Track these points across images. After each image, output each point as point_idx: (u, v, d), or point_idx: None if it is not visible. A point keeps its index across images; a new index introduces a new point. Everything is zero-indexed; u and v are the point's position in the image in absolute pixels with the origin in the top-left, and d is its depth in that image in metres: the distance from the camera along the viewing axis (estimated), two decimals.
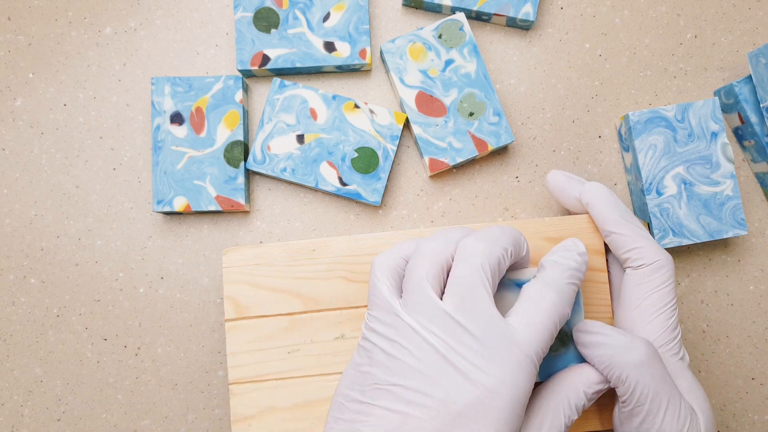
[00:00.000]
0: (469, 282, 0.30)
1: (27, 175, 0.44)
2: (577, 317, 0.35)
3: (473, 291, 0.30)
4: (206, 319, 0.44)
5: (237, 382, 0.37)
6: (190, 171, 0.42)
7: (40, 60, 0.45)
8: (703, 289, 0.44)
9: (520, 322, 0.30)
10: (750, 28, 0.46)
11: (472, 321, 0.29)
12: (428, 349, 0.29)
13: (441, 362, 0.29)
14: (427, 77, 0.42)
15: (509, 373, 0.28)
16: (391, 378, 0.29)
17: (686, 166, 0.41)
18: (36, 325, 0.44)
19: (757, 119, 0.42)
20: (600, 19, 0.46)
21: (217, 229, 0.44)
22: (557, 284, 0.31)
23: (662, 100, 0.45)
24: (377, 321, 0.31)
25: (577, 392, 0.32)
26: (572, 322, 0.35)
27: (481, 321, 0.29)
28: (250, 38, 0.43)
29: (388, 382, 0.29)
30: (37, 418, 0.43)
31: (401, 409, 0.29)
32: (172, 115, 0.42)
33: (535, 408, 0.32)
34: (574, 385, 0.32)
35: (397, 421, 0.29)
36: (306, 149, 0.42)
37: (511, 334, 0.29)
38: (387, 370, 0.30)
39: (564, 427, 0.31)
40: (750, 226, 0.45)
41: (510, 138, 0.42)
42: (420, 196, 0.44)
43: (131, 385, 0.43)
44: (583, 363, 0.34)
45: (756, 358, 0.44)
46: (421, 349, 0.29)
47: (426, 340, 0.29)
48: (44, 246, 0.44)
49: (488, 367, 0.28)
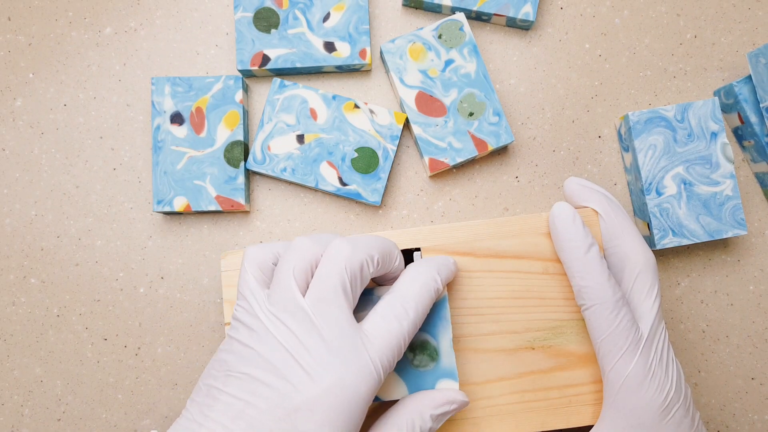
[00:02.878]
0: (329, 282, 0.31)
1: (27, 175, 0.44)
2: (444, 331, 0.35)
3: (331, 291, 0.30)
4: (206, 319, 0.44)
5: None
6: (190, 171, 0.42)
7: (40, 60, 0.45)
8: (703, 289, 0.44)
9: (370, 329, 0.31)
10: (750, 28, 0.46)
11: (323, 320, 0.30)
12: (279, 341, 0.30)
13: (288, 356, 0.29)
14: (427, 77, 0.42)
15: (350, 375, 0.29)
16: (242, 367, 0.30)
17: (686, 166, 0.41)
18: (36, 325, 0.44)
19: (756, 119, 0.42)
20: (600, 19, 0.46)
21: (217, 229, 0.44)
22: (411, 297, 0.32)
23: (662, 100, 0.45)
24: (242, 310, 0.32)
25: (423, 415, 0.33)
26: (439, 336, 0.35)
27: (332, 322, 0.30)
28: (250, 38, 0.43)
29: (238, 371, 0.30)
30: (37, 418, 0.43)
31: (245, 397, 0.29)
32: (172, 115, 0.42)
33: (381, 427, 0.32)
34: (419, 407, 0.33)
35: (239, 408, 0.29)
36: (306, 149, 0.42)
37: (358, 339, 0.30)
38: (241, 358, 0.30)
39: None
40: (750, 226, 0.45)
41: (510, 138, 0.42)
42: (420, 196, 0.44)
43: (131, 385, 0.43)
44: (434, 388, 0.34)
45: (756, 358, 0.44)
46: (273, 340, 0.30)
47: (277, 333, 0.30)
48: (44, 246, 0.44)
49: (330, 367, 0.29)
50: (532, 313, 0.38)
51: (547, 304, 0.38)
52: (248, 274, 0.32)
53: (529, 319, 0.38)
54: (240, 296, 0.32)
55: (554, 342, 0.38)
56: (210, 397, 0.30)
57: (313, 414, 0.29)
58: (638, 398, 0.34)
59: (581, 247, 0.35)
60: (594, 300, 0.35)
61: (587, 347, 0.38)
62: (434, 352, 0.34)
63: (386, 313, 0.31)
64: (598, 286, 0.34)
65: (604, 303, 0.34)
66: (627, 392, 0.34)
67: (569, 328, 0.38)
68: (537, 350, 0.38)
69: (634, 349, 0.34)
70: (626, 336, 0.34)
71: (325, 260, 0.31)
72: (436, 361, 0.34)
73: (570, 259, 0.36)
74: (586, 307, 0.35)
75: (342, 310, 0.30)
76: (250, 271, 0.32)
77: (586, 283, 0.35)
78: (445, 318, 0.35)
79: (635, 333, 0.34)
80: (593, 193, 0.38)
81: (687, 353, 0.44)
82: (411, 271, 0.33)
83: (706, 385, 0.44)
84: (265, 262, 0.33)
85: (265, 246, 0.34)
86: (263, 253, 0.33)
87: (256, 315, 0.31)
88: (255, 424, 0.29)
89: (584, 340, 0.38)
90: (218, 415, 0.29)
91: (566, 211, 0.36)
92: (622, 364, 0.34)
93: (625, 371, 0.34)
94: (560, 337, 0.38)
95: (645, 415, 0.34)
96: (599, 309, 0.34)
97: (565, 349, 0.38)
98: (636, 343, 0.34)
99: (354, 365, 0.29)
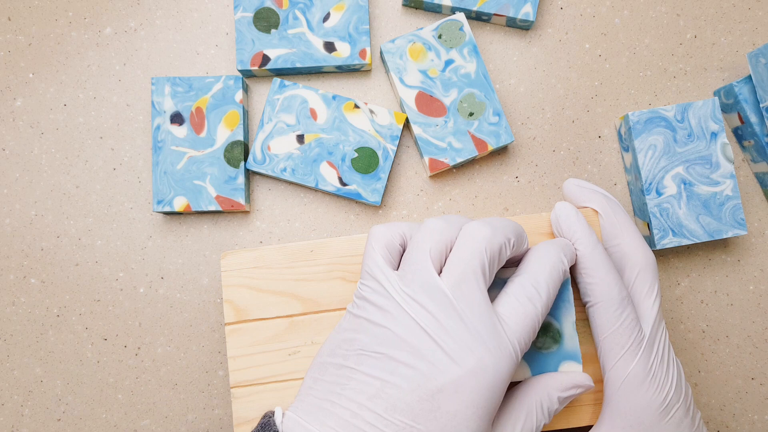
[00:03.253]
0: (468, 265, 0.30)
1: (27, 175, 0.44)
2: (567, 313, 0.35)
3: (471, 273, 0.30)
4: (206, 319, 0.44)
5: (238, 386, 0.37)
6: (190, 171, 0.42)
7: (40, 60, 0.45)
8: (703, 289, 0.44)
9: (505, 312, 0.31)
10: (750, 28, 0.46)
11: (463, 303, 0.30)
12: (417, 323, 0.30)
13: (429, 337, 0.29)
14: (427, 77, 0.42)
15: (491, 358, 0.29)
16: (377, 346, 0.30)
17: (686, 166, 0.41)
18: (36, 325, 0.44)
19: (756, 119, 0.42)
20: (600, 19, 0.46)
21: (217, 229, 0.44)
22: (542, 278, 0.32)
23: (662, 100, 0.45)
24: (370, 290, 0.31)
25: (551, 397, 0.33)
26: (562, 318, 0.35)
27: (473, 305, 0.30)
28: (250, 38, 0.43)
29: (373, 350, 0.30)
30: (37, 418, 0.43)
31: (383, 376, 0.29)
32: (172, 115, 0.42)
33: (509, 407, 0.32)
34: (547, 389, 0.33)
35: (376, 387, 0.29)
36: (306, 149, 0.42)
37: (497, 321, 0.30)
38: (374, 337, 0.30)
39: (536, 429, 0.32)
40: (750, 226, 0.45)
41: (510, 138, 0.42)
42: (420, 196, 0.44)
43: (131, 385, 0.43)
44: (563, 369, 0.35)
45: (756, 358, 0.44)
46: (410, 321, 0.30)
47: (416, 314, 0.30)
48: (44, 246, 0.44)
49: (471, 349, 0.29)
50: None
51: None
52: (376, 253, 0.32)
53: None
54: (367, 276, 0.32)
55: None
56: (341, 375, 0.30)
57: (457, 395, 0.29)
58: (638, 397, 0.34)
59: (587, 245, 0.35)
60: (599, 297, 0.35)
61: (586, 347, 0.38)
62: (557, 334, 0.35)
63: (519, 294, 0.31)
64: (603, 283, 0.35)
65: (610, 300, 0.34)
66: (627, 391, 0.34)
67: None
68: None
69: (637, 348, 0.34)
70: (629, 335, 0.34)
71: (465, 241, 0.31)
72: (559, 343, 0.35)
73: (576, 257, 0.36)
74: (591, 304, 0.35)
75: (481, 292, 0.30)
76: (378, 251, 0.32)
77: (592, 280, 0.35)
78: (568, 300, 0.35)
79: (638, 332, 0.34)
80: (592, 194, 0.38)
81: (687, 353, 0.44)
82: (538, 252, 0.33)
83: (706, 385, 0.44)
84: (393, 243, 0.32)
85: (390, 226, 0.33)
86: (390, 234, 0.33)
87: (389, 295, 0.30)
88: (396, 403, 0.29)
89: (584, 341, 0.38)
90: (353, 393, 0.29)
91: (569, 209, 0.36)
92: (623, 362, 0.34)
93: (627, 370, 0.34)
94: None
95: (645, 415, 0.34)
96: (604, 306, 0.34)
97: None
98: (638, 343, 0.34)
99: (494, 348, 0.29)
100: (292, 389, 0.37)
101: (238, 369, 0.37)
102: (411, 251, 0.31)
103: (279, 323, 0.37)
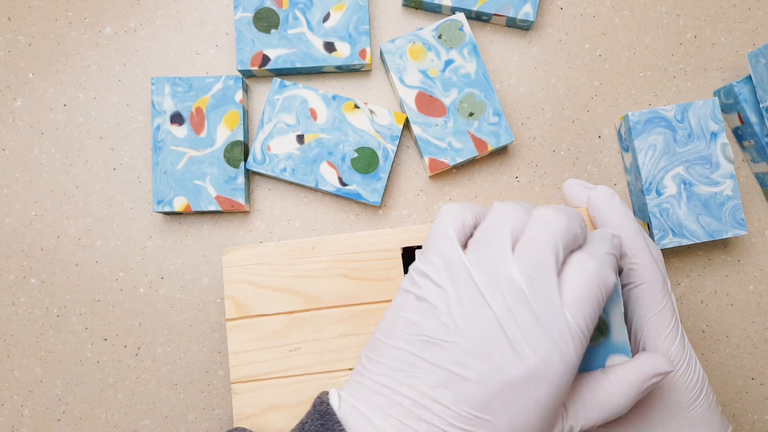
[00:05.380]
0: (544, 254, 0.29)
1: (27, 175, 0.44)
2: (615, 306, 0.34)
3: (546, 265, 0.29)
4: (206, 319, 0.44)
5: (239, 381, 0.37)
6: (190, 171, 0.42)
7: (40, 60, 0.45)
8: (702, 289, 0.44)
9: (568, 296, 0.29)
10: (750, 28, 0.46)
11: (537, 297, 0.28)
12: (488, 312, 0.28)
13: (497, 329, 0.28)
14: (427, 77, 0.42)
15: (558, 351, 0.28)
16: (443, 334, 0.28)
17: (686, 166, 0.41)
18: (36, 325, 0.44)
19: (756, 119, 0.42)
20: (600, 19, 0.46)
21: (217, 229, 0.44)
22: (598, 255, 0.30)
23: (662, 100, 0.45)
24: (436, 270, 0.29)
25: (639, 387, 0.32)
26: (610, 311, 0.34)
27: (546, 300, 0.28)
28: (250, 38, 0.43)
29: (439, 338, 0.28)
30: (37, 418, 0.43)
31: (449, 367, 0.28)
32: (172, 115, 0.42)
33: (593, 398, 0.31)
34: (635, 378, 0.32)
35: (441, 378, 0.28)
36: (306, 149, 0.42)
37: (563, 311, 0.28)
38: (439, 324, 0.28)
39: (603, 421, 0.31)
40: (750, 226, 0.45)
41: (510, 138, 0.42)
42: (420, 196, 0.44)
43: (131, 385, 0.43)
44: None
45: (756, 358, 0.44)
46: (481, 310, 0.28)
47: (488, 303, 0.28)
48: (44, 246, 0.44)
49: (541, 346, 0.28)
50: None
51: None
52: (450, 228, 0.30)
53: None
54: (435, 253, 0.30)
55: None
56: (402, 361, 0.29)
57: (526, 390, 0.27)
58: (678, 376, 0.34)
59: (632, 227, 0.35)
60: (645, 278, 0.35)
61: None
62: (605, 327, 0.34)
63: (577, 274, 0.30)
64: (650, 264, 0.35)
65: (656, 281, 0.35)
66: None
67: None
68: None
69: (677, 328, 0.35)
70: (671, 315, 0.35)
71: (540, 229, 0.29)
72: (607, 335, 0.34)
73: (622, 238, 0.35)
74: (635, 285, 0.35)
75: (555, 286, 0.29)
76: (453, 226, 0.30)
77: (638, 261, 0.35)
78: (616, 293, 0.34)
79: (677, 315, 0.35)
80: None
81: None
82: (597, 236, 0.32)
83: None
84: (467, 222, 0.30)
85: (464, 205, 0.31)
86: (465, 212, 0.31)
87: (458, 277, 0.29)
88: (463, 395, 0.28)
89: None
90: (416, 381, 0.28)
91: (612, 193, 0.36)
92: (668, 341, 0.34)
93: (671, 349, 0.34)
94: None
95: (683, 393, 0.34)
96: (650, 287, 0.35)
97: None
98: (678, 324, 0.35)
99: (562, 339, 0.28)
100: (293, 385, 0.37)
101: (239, 365, 0.37)
102: (487, 233, 0.29)
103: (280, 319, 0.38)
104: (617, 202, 0.36)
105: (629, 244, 0.35)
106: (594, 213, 0.37)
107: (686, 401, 0.34)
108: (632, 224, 0.36)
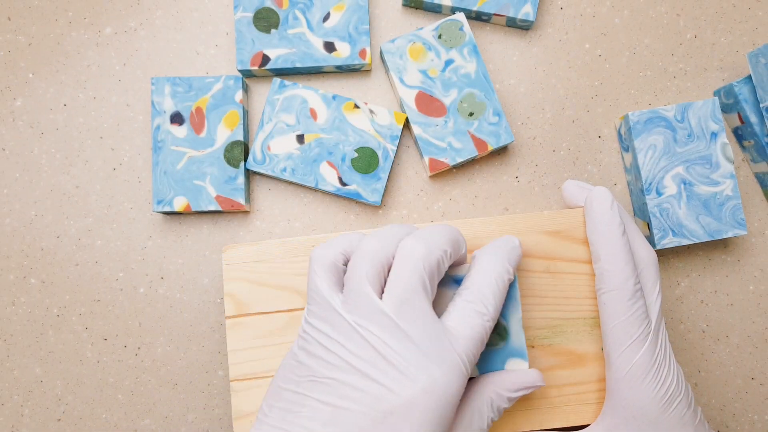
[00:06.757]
0: (408, 284, 0.30)
1: (27, 175, 0.44)
2: (513, 311, 0.35)
3: (412, 293, 0.30)
4: (206, 319, 0.44)
5: (238, 379, 0.37)
6: (190, 171, 0.42)
7: (40, 60, 0.45)
8: (702, 289, 0.44)
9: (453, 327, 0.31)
10: (750, 28, 0.46)
11: (409, 323, 0.30)
12: (365, 346, 0.29)
13: (377, 359, 0.29)
14: (427, 77, 0.42)
15: (442, 375, 0.29)
16: (327, 372, 0.30)
17: (686, 166, 0.41)
18: (36, 325, 0.44)
19: (756, 119, 0.42)
20: (600, 19, 0.46)
21: (217, 229, 0.44)
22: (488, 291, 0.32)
23: (662, 100, 0.45)
24: (315, 316, 0.31)
25: (501, 396, 0.33)
26: (509, 315, 0.35)
27: (419, 323, 0.30)
28: (250, 38, 0.43)
29: (323, 375, 0.30)
30: (37, 418, 0.43)
31: (334, 402, 0.29)
32: (172, 115, 0.42)
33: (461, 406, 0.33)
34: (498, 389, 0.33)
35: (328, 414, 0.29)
36: (306, 149, 0.42)
37: (445, 337, 0.30)
38: (324, 363, 0.30)
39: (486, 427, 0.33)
40: (750, 226, 0.45)
41: (510, 138, 0.42)
42: (420, 196, 0.44)
43: (131, 385, 0.43)
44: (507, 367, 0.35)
45: (756, 358, 0.44)
46: (358, 345, 0.30)
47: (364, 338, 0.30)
48: (44, 246, 0.44)
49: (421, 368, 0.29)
50: (532, 312, 0.38)
51: (547, 302, 0.38)
52: (319, 278, 0.32)
53: (530, 317, 0.38)
54: (312, 301, 0.32)
55: (554, 341, 0.38)
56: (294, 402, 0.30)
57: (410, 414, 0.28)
58: (642, 388, 0.34)
59: (616, 231, 0.36)
60: (615, 285, 0.35)
61: (587, 346, 0.38)
62: (504, 331, 0.35)
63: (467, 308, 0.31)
64: (621, 272, 0.35)
65: (624, 289, 0.35)
66: (631, 381, 0.34)
67: (569, 327, 0.38)
68: (537, 348, 0.38)
69: (644, 339, 0.35)
70: (638, 325, 0.35)
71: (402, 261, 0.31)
72: (506, 340, 0.35)
73: (601, 241, 0.36)
74: (605, 291, 0.35)
75: (425, 309, 0.30)
76: (321, 275, 0.32)
77: (611, 267, 0.35)
78: (515, 298, 0.35)
79: (646, 325, 0.35)
80: None
81: (687, 353, 0.44)
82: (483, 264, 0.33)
83: (706, 385, 0.44)
84: (335, 264, 0.32)
85: (330, 245, 0.33)
86: (330, 254, 0.32)
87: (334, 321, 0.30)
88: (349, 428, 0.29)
89: (584, 339, 0.38)
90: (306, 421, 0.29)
91: (607, 196, 0.37)
92: (630, 352, 0.34)
93: (633, 360, 0.34)
94: (560, 336, 0.38)
95: (648, 406, 0.34)
96: (618, 294, 0.35)
97: (565, 348, 0.38)
98: (646, 334, 0.35)
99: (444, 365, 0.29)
100: None
101: (238, 363, 0.37)
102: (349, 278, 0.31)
103: (279, 317, 0.38)
104: (606, 206, 0.36)
105: (606, 249, 0.36)
106: (585, 214, 0.37)
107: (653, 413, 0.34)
108: (615, 229, 0.36)
